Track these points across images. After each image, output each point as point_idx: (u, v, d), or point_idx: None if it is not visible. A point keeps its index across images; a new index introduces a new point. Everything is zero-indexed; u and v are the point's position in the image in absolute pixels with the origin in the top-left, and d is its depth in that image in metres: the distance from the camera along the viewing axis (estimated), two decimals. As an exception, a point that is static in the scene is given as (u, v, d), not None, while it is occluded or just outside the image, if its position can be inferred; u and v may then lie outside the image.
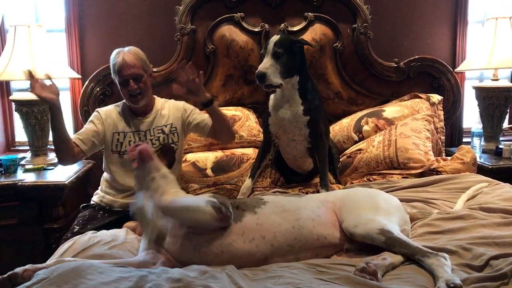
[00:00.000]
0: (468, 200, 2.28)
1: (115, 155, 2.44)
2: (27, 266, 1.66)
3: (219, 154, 2.88)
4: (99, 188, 2.55)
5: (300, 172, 2.76)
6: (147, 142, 2.41)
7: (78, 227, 2.28)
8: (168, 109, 2.52)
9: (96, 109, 2.55)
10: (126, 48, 2.42)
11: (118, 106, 2.53)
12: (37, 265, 1.67)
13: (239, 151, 2.92)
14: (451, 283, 1.46)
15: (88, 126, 2.46)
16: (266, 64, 2.33)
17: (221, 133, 2.49)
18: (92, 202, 2.51)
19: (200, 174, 2.76)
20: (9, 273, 1.64)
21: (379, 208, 1.87)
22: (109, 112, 2.50)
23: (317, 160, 2.56)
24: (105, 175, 2.54)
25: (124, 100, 2.50)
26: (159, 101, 2.56)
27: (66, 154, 2.36)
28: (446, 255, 1.64)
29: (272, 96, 2.56)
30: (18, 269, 1.65)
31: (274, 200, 1.98)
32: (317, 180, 2.66)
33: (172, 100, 2.59)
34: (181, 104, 2.57)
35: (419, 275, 1.58)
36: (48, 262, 1.77)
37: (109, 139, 2.45)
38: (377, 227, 1.75)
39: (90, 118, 2.50)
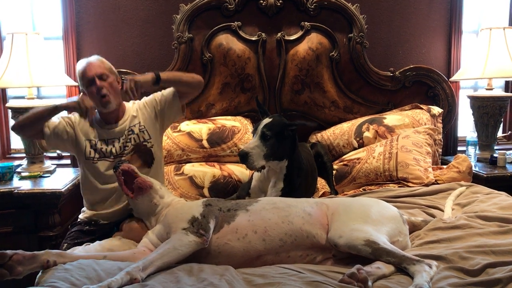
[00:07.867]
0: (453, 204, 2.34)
1: (88, 161, 2.38)
2: (18, 251, 1.68)
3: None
4: (84, 205, 2.49)
5: None
6: (120, 146, 2.38)
7: (66, 244, 2.28)
8: (137, 110, 2.49)
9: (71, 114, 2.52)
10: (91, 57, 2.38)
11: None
12: (27, 253, 1.69)
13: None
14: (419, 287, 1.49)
15: (58, 120, 2.41)
16: (251, 144, 2.26)
17: (187, 90, 2.47)
18: (79, 220, 2.46)
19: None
20: None
21: (369, 218, 1.84)
22: (82, 120, 2.43)
23: None
24: (84, 189, 2.45)
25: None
26: (129, 106, 2.51)
27: (32, 134, 2.40)
28: (433, 262, 1.65)
29: (255, 176, 2.46)
30: (8, 251, 1.66)
31: (267, 198, 2.06)
32: None
33: (138, 101, 2.53)
34: (142, 101, 2.52)
35: (408, 283, 1.58)
36: (38, 252, 1.73)
37: (82, 146, 2.39)
38: (362, 238, 1.72)
39: (64, 116, 2.44)
